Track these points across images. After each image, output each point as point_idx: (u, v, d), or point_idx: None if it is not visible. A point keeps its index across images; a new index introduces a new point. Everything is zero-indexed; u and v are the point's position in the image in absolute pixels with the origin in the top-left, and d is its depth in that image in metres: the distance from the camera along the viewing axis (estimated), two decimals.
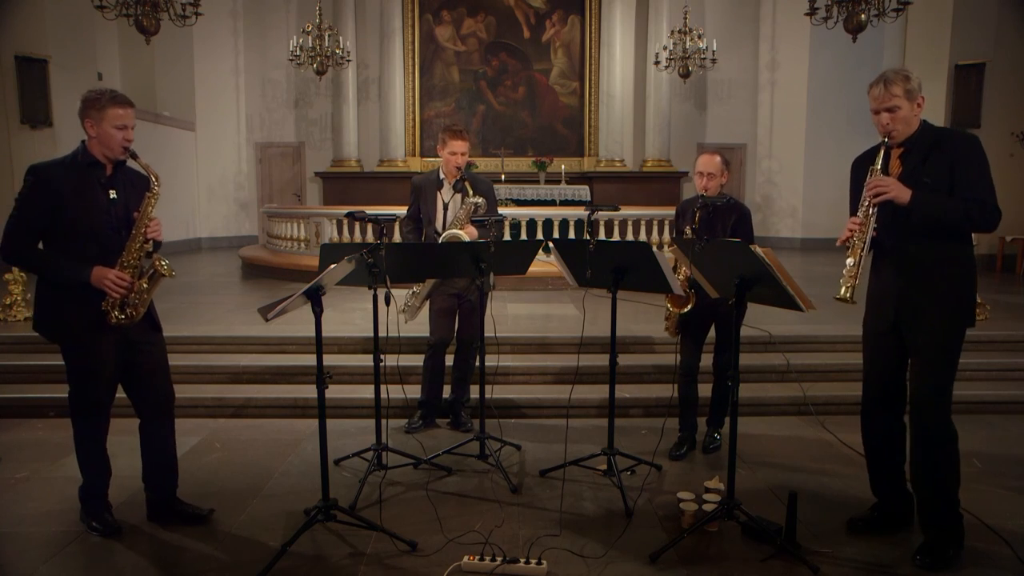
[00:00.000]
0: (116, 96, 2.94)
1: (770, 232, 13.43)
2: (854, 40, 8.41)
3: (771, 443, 4.29)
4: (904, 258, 2.87)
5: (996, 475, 3.77)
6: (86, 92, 2.98)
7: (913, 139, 2.86)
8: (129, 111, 2.95)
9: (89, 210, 2.92)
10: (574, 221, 8.76)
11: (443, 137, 4.23)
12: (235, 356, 5.35)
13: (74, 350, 3.01)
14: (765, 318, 4.14)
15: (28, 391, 4.87)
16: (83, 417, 3.09)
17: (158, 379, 3.22)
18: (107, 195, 2.97)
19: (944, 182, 2.77)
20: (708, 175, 3.87)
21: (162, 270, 3.00)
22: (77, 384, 3.05)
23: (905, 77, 2.81)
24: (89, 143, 2.97)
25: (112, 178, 3.01)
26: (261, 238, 10.93)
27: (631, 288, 3.59)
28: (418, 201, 4.43)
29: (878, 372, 3.07)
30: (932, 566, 2.82)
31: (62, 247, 2.92)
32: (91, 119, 2.92)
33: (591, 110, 13.96)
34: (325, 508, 3.06)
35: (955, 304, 2.84)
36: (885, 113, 2.82)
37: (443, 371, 4.53)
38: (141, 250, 3.00)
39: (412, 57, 13.80)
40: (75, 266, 2.89)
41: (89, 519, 3.15)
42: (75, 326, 2.96)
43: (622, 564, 2.89)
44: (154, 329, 3.21)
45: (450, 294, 4.37)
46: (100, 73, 11.22)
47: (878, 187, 2.77)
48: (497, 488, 3.63)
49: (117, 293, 2.91)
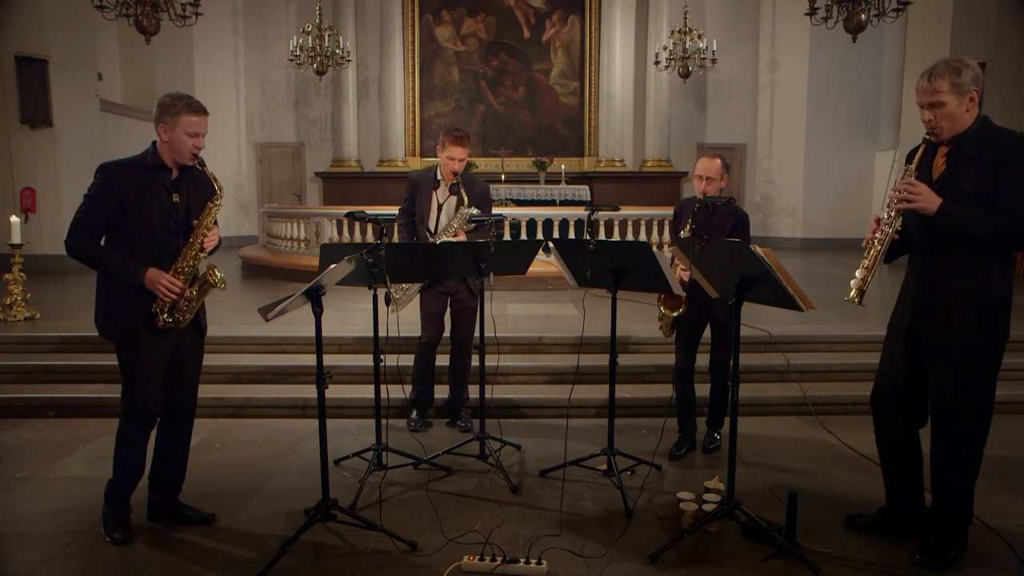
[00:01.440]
0: (192, 103, 2.96)
1: (770, 232, 13.42)
2: (854, 40, 8.40)
3: (771, 443, 4.29)
4: (928, 265, 2.74)
5: (996, 475, 3.76)
6: (162, 96, 2.99)
7: (963, 137, 2.62)
8: (203, 119, 2.98)
9: (151, 212, 2.96)
10: (574, 221, 8.76)
11: (444, 140, 4.20)
12: (235, 356, 5.35)
13: (128, 350, 3.02)
14: (765, 318, 4.14)
15: (28, 391, 4.87)
16: (131, 417, 3.08)
17: (192, 384, 3.25)
18: (170, 198, 3.01)
19: (986, 189, 2.55)
20: (707, 179, 3.87)
21: (214, 280, 3.02)
22: (132, 385, 3.05)
23: (955, 69, 2.55)
24: (160, 146, 2.99)
25: (177, 182, 3.04)
26: (261, 238, 10.93)
27: (631, 288, 3.58)
28: (414, 196, 4.42)
29: (889, 378, 2.99)
30: (932, 566, 2.82)
31: (120, 245, 2.96)
32: (165, 124, 2.94)
33: (591, 110, 13.96)
34: (325, 508, 3.06)
35: (977, 319, 2.64)
36: (928, 109, 2.60)
37: (433, 370, 4.54)
38: (196, 258, 3.04)
39: (412, 57, 13.81)
40: (131, 265, 2.92)
41: (109, 521, 3.08)
42: (130, 326, 2.98)
43: (622, 564, 2.89)
44: (199, 334, 3.22)
45: (440, 292, 4.37)
46: (100, 73, 11.22)
47: (906, 193, 2.59)
48: (497, 488, 3.63)
49: (168, 298, 2.94)
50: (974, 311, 2.66)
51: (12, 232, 6.06)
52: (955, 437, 2.79)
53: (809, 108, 13.11)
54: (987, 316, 2.67)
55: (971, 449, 2.81)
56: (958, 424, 2.77)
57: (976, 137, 2.62)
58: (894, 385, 2.97)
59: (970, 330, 2.67)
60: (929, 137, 2.67)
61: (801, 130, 13.24)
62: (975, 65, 2.59)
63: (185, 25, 8.19)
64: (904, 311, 2.88)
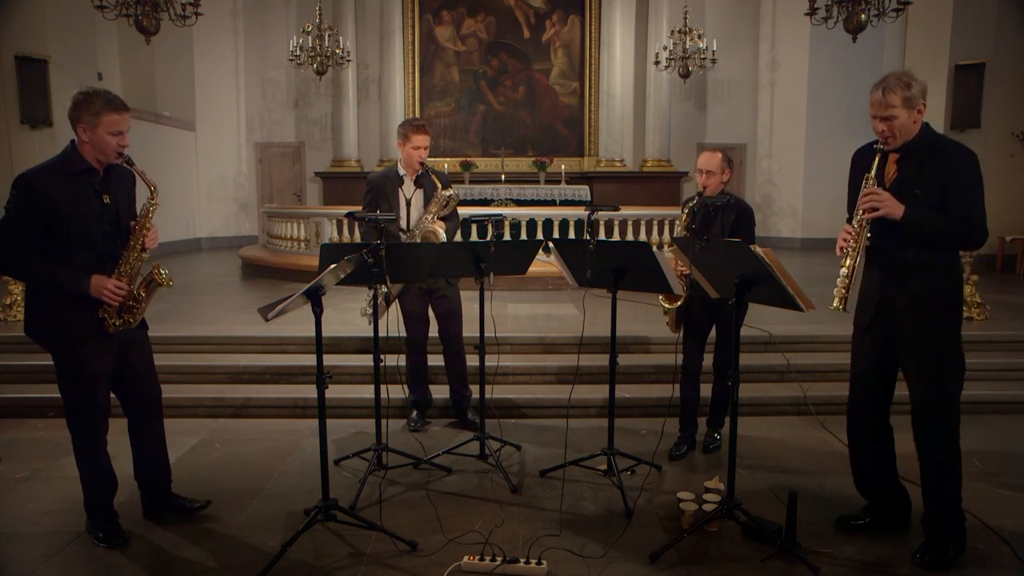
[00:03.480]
0: (112, 100, 2.82)
1: (770, 232, 13.42)
2: (854, 40, 8.40)
3: (771, 443, 4.29)
4: (893, 262, 2.87)
5: (996, 475, 3.77)
6: (77, 94, 2.84)
7: (911, 145, 2.83)
8: (125, 116, 2.85)
9: (84, 217, 2.84)
10: (574, 221, 8.76)
11: (405, 132, 4.19)
12: (235, 356, 5.35)
13: (71, 358, 2.92)
14: (765, 318, 4.14)
15: (28, 391, 4.87)
16: (82, 426, 2.98)
17: (149, 378, 3.19)
18: (101, 200, 2.90)
19: (935, 194, 2.76)
20: (708, 172, 3.87)
21: (160, 279, 2.96)
22: (75, 392, 2.95)
23: (905, 84, 2.75)
24: (81, 147, 2.86)
25: (104, 182, 2.93)
26: (261, 238, 10.92)
27: (631, 288, 3.59)
28: (376, 200, 4.30)
29: (859, 370, 3.09)
30: (932, 566, 2.83)
31: (55, 254, 2.82)
32: (84, 124, 2.80)
33: (591, 110, 13.95)
34: (325, 508, 3.06)
35: (939, 311, 2.84)
36: (881, 121, 2.79)
37: (425, 369, 4.55)
38: (139, 259, 2.96)
39: (412, 57, 13.80)
40: (73, 275, 2.81)
41: (96, 530, 3.06)
42: (72, 334, 2.88)
43: (622, 564, 2.89)
44: (142, 326, 3.14)
45: (421, 291, 4.35)
46: (100, 73, 11.22)
47: (872, 201, 2.77)
48: (497, 488, 3.63)
49: (115, 302, 2.88)
50: (939, 304, 2.84)
51: None
52: (938, 435, 2.87)
53: (809, 108, 13.11)
54: (950, 306, 2.89)
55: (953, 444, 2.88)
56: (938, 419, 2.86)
57: (923, 144, 2.82)
58: (865, 375, 3.06)
59: (938, 321, 2.85)
60: (882, 146, 2.85)
61: (801, 130, 13.23)
62: (923, 80, 2.81)
63: (185, 25, 8.19)
64: (868, 306, 3.00)
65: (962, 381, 2.91)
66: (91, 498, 3.07)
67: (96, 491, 3.06)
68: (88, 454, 3.02)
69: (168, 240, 12.33)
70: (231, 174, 13.73)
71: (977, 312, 6.06)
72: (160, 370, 3.34)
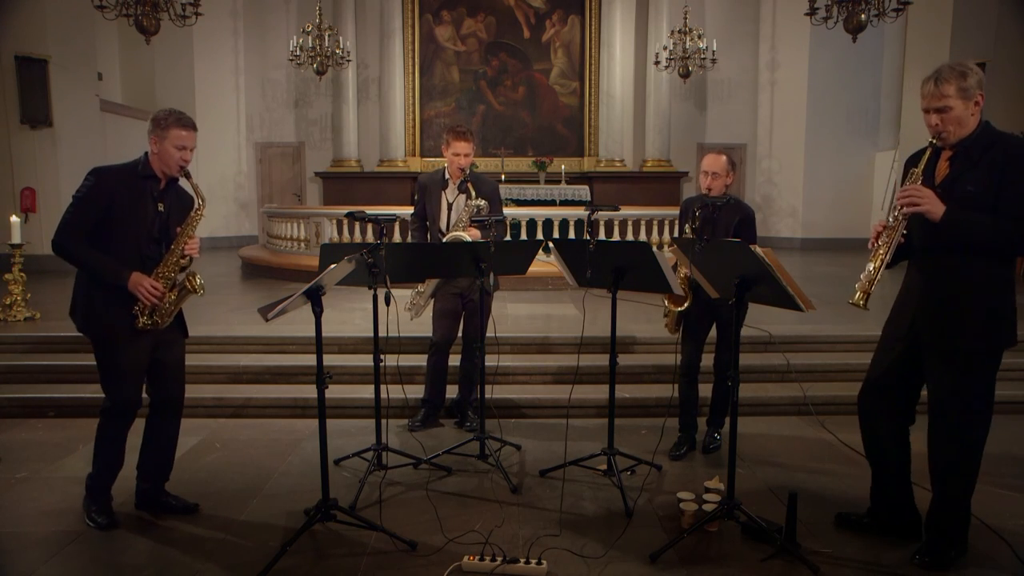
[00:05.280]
0: (182, 119, 3.11)
1: (770, 232, 13.43)
2: (854, 40, 8.41)
3: (771, 443, 4.29)
4: (932, 268, 2.73)
5: (996, 475, 3.76)
6: (156, 111, 3.14)
7: (967, 142, 2.61)
8: (192, 134, 3.13)
9: (137, 218, 3.08)
10: (574, 221, 8.76)
11: (447, 138, 4.25)
12: (235, 356, 5.35)
13: (109, 349, 3.11)
14: (765, 318, 4.14)
15: (28, 391, 4.87)
16: (111, 416, 3.17)
17: (177, 378, 3.36)
18: (156, 207, 3.14)
19: (990, 192, 2.55)
20: (713, 175, 3.86)
21: (192, 285, 3.12)
22: (112, 383, 3.15)
23: (961, 74, 2.55)
24: (150, 157, 3.13)
25: (163, 192, 3.17)
26: (261, 238, 10.93)
27: (631, 288, 3.59)
28: (423, 200, 4.44)
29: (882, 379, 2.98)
30: (932, 566, 2.82)
31: (104, 247, 3.04)
32: (156, 136, 3.08)
33: (591, 110, 13.96)
34: (325, 508, 3.06)
35: (980, 323, 2.65)
36: (935, 113, 2.60)
37: (445, 370, 4.53)
38: (177, 264, 3.15)
39: (412, 57, 13.81)
40: (116, 267, 3.02)
41: (91, 508, 3.20)
42: (111, 326, 3.07)
43: (622, 564, 2.89)
44: (182, 332, 3.38)
45: (453, 294, 4.37)
46: (100, 73, 11.22)
47: (912, 197, 2.58)
48: (497, 488, 3.63)
49: (149, 301, 3.05)
50: (980, 317, 2.66)
51: (12, 232, 6.06)
52: (956, 441, 2.79)
53: (809, 108, 13.12)
54: (992, 321, 2.67)
55: (972, 452, 2.81)
56: (959, 428, 2.77)
57: (981, 142, 2.61)
58: (888, 385, 2.97)
59: (976, 335, 2.67)
60: (935, 141, 2.66)
61: (801, 130, 13.24)
62: (979, 70, 2.59)
63: (185, 25, 8.19)
64: (905, 313, 2.88)
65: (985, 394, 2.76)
66: (96, 479, 3.23)
67: (105, 474, 3.23)
68: (108, 439, 3.21)
69: None
70: (231, 174, 13.74)
71: None
72: None
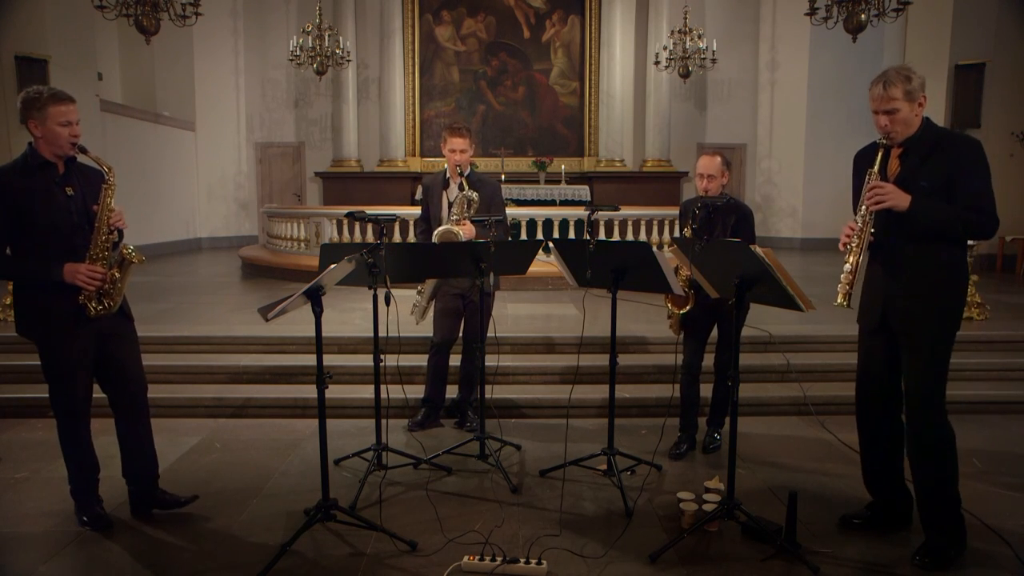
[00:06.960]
0: (56, 93, 2.92)
1: (770, 232, 13.43)
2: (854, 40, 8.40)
3: (771, 443, 4.29)
4: (898, 259, 2.85)
5: (996, 475, 3.77)
6: (23, 93, 2.96)
7: (913, 139, 2.81)
8: (72, 107, 2.95)
9: (48, 210, 2.93)
10: (574, 221, 8.76)
11: (444, 135, 4.27)
12: (235, 356, 5.35)
13: (55, 347, 3.03)
14: (765, 318, 4.14)
15: (28, 391, 4.86)
16: (67, 415, 3.10)
17: (133, 370, 3.25)
18: (64, 193, 2.99)
19: (942, 186, 2.74)
20: (708, 176, 3.88)
21: (131, 257, 3.03)
22: (59, 382, 3.07)
23: (906, 77, 2.75)
24: (37, 144, 2.96)
25: (66, 176, 3.02)
26: (261, 238, 10.93)
27: (631, 288, 3.59)
28: (427, 201, 4.44)
29: (870, 371, 3.07)
30: (932, 566, 2.82)
31: (29, 250, 2.94)
32: (34, 120, 2.92)
33: (591, 110, 13.96)
34: (325, 508, 3.06)
35: (944, 308, 2.83)
36: (884, 115, 2.78)
37: (446, 370, 4.53)
38: (107, 241, 3.02)
39: (412, 57, 13.80)
40: (44, 267, 2.91)
41: (80, 513, 3.18)
42: (55, 323, 2.98)
43: (622, 564, 2.89)
44: (126, 319, 3.23)
45: (453, 294, 4.37)
46: (100, 73, 11.21)
47: (876, 194, 2.74)
48: (497, 488, 3.63)
49: (92, 286, 2.95)
50: (944, 303, 2.83)
51: None
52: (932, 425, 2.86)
53: (809, 108, 13.12)
54: (955, 303, 2.87)
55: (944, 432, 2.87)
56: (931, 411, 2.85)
57: (926, 138, 2.81)
58: (877, 376, 3.04)
59: (941, 322, 2.84)
60: (884, 140, 2.83)
61: (801, 130, 13.24)
62: (921, 74, 2.80)
63: (185, 25, 8.18)
64: (874, 305, 2.97)
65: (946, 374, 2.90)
66: (75, 482, 3.19)
67: (80, 476, 3.18)
68: (71, 440, 3.14)
69: (168, 240, 12.35)
70: (231, 174, 13.74)
71: (977, 312, 6.06)
72: (160, 370, 3.36)
